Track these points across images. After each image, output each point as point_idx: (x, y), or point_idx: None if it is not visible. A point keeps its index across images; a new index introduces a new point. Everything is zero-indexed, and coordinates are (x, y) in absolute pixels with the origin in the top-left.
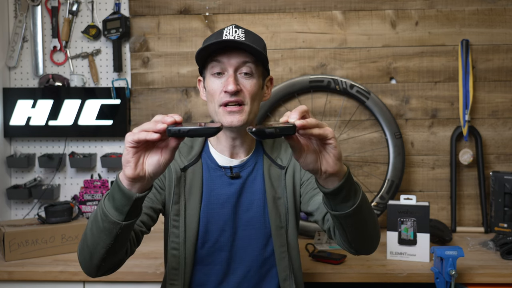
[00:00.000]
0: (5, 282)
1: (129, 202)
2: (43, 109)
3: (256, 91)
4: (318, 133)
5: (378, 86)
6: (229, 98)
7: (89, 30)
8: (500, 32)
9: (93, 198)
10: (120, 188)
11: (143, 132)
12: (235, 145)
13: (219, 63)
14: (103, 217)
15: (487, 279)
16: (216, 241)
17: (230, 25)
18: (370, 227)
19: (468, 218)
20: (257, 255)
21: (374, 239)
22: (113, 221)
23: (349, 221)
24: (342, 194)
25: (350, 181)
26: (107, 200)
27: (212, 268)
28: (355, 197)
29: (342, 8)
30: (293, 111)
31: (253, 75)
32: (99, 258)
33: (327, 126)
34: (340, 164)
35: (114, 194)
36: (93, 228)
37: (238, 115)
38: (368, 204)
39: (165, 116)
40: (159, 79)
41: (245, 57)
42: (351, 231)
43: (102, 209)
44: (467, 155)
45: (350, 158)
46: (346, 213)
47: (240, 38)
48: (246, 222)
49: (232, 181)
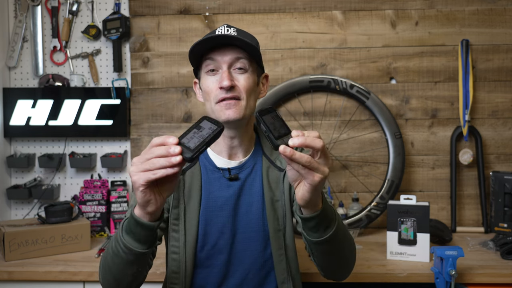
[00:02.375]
0: (5, 282)
1: (151, 232)
2: (43, 109)
3: (251, 86)
4: (302, 173)
5: (378, 86)
6: (225, 94)
7: (89, 30)
8: (500, 32)
9: (93, 198)
10: (139, 223)
11: (161, 170)
12: (233, 145)
13: (213, 61)
14: (127, 251)
15: (487, 279)
16: (215, 244)
17: (222, 25)
18: (340, 258)
19: (468, 218)
20: (256, 258)
21: (345, 269)
22: (138, 252)
23: (318, 247)
24: (310, 224)
25: (321, 217)
26: (126, 235)
27: (211, 271)
28: (324, 232)
29: (342, 8)
30: (300, 137)
31: (247, 70)
32: (126, 284)
33: (325, 167)
34: (313, 200)
35: (133, 229)
36: (115, 261)
37: (234, 108)
38: (343, 236)
39: (165, 146)
40: (159, 79)
41: (238, 53)
42: (319, 256)
43: (124, 244)
44: (467, 155)
45: (350, 158)
46: (315, 241)
47: (232, 35)
48: (245, 225)
49: (230, 183)
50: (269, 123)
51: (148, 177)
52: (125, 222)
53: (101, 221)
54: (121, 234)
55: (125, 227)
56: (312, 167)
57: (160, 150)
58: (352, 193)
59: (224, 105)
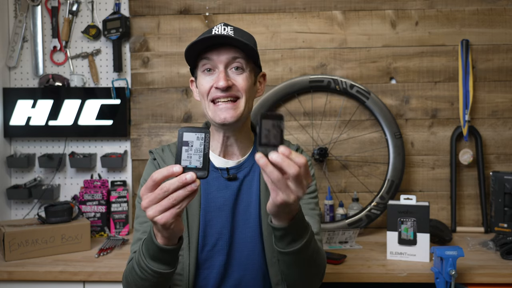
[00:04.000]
0: (5, 282)
1: (176, 254)
2: (43, 109)
3: (249, 86)
4: (269, 187)
5: (378, 86)
6: (220, 93)
7: (89, 30)
8: (500, 32)
9: (93, 198)
10: (166, 250)
11: (185, 201)
12: (228, 143)
13: (209, 60)
14: (156, 275)
15: (487, 279)
16: (215, 245)
17: (219, 24)
18: (301, 274)
19: (468, 218)
20: (254, 259)
21: (303, 286)
22: (167, 273)
23: (279, 256)
24: (275, 233)
25: (287, 231)
26: (153, 262)
27: (211, 272)
28: (287, 245)
29: (342, 8)
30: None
31: (244, 70)
32: None
33: (292, 194)
34: (277, 214)
35: (159, 256)
36: (145, 285)
37: (232, 111)
38: (308, 256)
39: (178, 178)
40: (159, 79)
41: (234, 52)
42: (281, 264)
43: (152, 270)
44: (467, 155)
45: (350, 158)
46: (277, 249)
47: (229, 34)
48: (243, 225)
49: (229, 183)
50: (264, 128)
51: (175, 213)
52: (148, 249)
53: (101, 221)
54: (145, 261)
55: (150, 254)
56: (279, 187)
57: (175, 183)
58: (352, 193)
59: (220, 107)
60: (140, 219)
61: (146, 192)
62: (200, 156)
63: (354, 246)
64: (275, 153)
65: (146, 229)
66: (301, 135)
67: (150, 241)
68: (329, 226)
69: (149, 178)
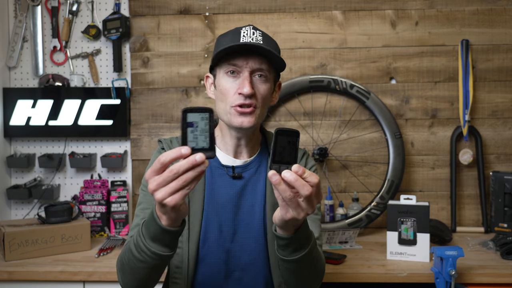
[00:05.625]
0: (5, 282)
1: (177, 236)
2: (43, 109)
3: (268, 95)
4: (280, 203)
5: (378, 86)
6: (243, 100)
7: (89, 30)
8: (500, 32)
9: (93, 198)
10: (169, 231)
11: (194, 182)
12: (239, 144)
13: (235, 64)
14: (155, 257)
15: (487, 279)
16: (216, 241)
17: (247, 26)
18: (301, 280)
19: (468, 218)
20: (256, 260)
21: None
22: (166, 255)
23: (281, 262)
24: (279, 241)
25: (291, 241)
26: (153, 243)
27: (212, 268)
28: (290, 254)
29: (342, 8)
30: (293, 175)
31: (267, 79)
32: (154, 283)
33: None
34: (284, 227)
35: (160, 237)
36: (142, 266)
37: (250, 117)
38: (309, 264)
39: (188, 160)
40: (159, 79)
41: (261, 61)
42: (282, 269)
43: (151, 251)
44: (467, 155)
45: (350, 158)
46: (279, 257)
47: (258, 41)
48: (246, 225)
49: (233, 181)
50: (279, 145)
51: (184, 194)
52: (150, 230)
53: (101, 221)
54: (145, 242)
55: (151, 235)
56: (289, 205)
57: (185, 165)
58: (352, 193)
59: (239, 112)
60: (142, 205)
61: (153, 175)
62: (206, 137)
63: (354, 246)
64: (289, 171)
65: (146, 216)
66: (301, 135)
67: (153, 222)
68: (329, 226)
69: (155, 160)
